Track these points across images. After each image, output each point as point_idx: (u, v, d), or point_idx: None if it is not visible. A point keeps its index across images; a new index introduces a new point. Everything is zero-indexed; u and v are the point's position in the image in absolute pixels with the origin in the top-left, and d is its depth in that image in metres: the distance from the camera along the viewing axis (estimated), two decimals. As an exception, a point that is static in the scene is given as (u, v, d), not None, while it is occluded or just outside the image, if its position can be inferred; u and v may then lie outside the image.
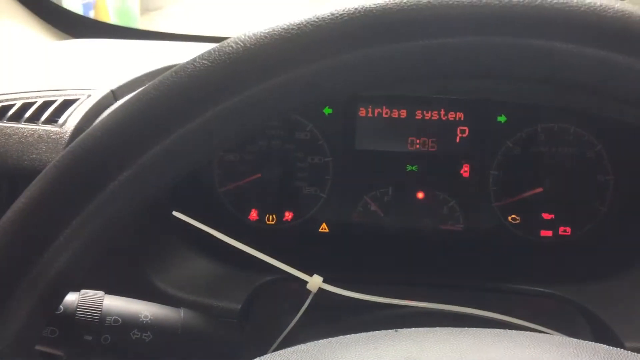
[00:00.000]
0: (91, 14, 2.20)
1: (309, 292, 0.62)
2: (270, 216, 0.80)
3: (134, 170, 0.33)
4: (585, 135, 0.76)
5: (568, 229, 0.78)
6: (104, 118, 0.34)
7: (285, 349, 0.38)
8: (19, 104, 0.71)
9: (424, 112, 0.77)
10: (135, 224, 0.66)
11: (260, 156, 0.79)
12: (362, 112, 0.77)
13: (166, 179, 0.34)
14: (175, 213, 0.58)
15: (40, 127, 0.68)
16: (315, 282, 0.61)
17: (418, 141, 0.77)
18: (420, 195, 0.79)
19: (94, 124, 0.34)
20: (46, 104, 0.71)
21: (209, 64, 0.34)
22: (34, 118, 0.69)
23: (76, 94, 0.73)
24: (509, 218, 0.78)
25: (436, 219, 0.79)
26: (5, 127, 0.68)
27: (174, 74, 0.34)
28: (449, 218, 0.79)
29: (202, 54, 0.34)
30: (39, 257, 0.32)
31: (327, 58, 0.34)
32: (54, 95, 0.73)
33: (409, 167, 0.78)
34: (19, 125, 0.68)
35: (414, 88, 0.75)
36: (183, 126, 0.33)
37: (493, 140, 0.77)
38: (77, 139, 0.33)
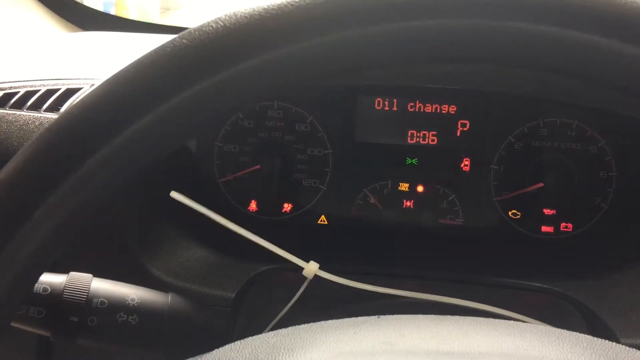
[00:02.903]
0: (112, 12, 2.22)
1: (304, 280, 0.62)
2: (270, 207, 0.80)
3: (109, 150, 0.33)
4: (588, 131, 0.75)
5: (569, 225, 0.77)
6: (82, 98, 0.34)
7: (267, 333, 0.38)
8: (22, 91, 0.72)
9: (425, 105, 0.76)
10: (129, 209, 0.67)
11: (260, 147, 0.79)
12: (363, 105, 0.77)
13: (140, 161, 0.34)
14: (173, 194, 0.58)
15: (42, 115, 0.69)
16: (311, 268, 0.61)
17: (418, 134, 0.77)
18: (419, 188, 0.78)
19: (73, 102, 0.34)
20: (49, 93, 0.72)
21: (188, 43, 0.33)
22: (37, 106, 0.70)
23: (80, 84, 0.74)
24: (510, 213, 0.77)
25: (435, 213, 0.78)
26: (7, 114, 0.69)
27: (153, 53, 0.34)
28: (448, 212, 0.78)
29: (183, 34, 0.34)
30: (14, 233, 0.32)
31: (307, 39, 0.34)
32: (57, 84, 0.74)
33: (409, 161, 0.78)
34: (22, 113, 0.69)
35: (414, 79, 0.75)
36: (159, 106, 0.33)
37: (494, 134, 0.76)
38: (56, 117, 0.34)
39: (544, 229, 0.77)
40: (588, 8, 0.32)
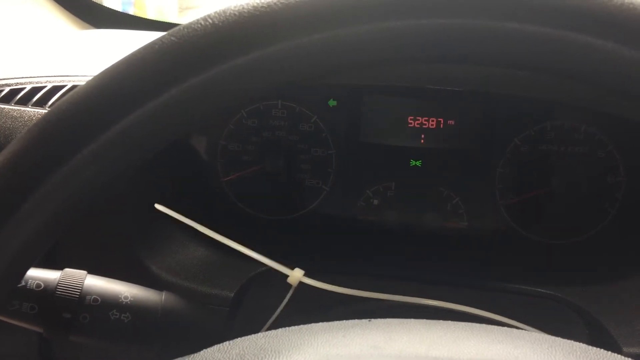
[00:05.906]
0: (131, 11, 2.24)
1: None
2: (273, 207, 0.80)
3: (97, 145, 0.32)
4: (596, 134, 0.73)
5: (576, 231, 0.75)
6: (71, 93, 0.34)
7: (256, 334, 0.38)
8: (28, 87, 0.73)
9: (430, 106, 0.75)
10: (130, 206, 0.67)
11: (263, 147, 0.78)
12: (367, 105, 0.76)
13: (130, 157, 0.33)
14: (157, 206, 0.58)
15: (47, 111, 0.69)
16: (295, 276, 0.61)
17: (423, 136, 0.76)
18: (423, 191, 0.77)
19: (65, 96, 0.34)
20: (55, 89, 0.72)
21: (176, 40, 0.33)
22: (42, 102, 0.70)
23: (86, 81, 0.74)
24: (515, 217, 0.76)
25: (439, 216, 0.77)
26: (12, 109, 0.69)
27: (142, 50, 0.34)
28: (452, 215, 0.77)
29: (172, 31, 0.34)
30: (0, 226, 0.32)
31: (296, 37, 0.33)
32: (63, 81, 0.74)
33: (413, 162, 0.77)
34: (26, 109, 0.70)
35: (420, 80, 0.74)
36: (147, 103, 0.33)
37: (501, 137, 0.75)
38: (46, 113, 0.34)
39: (550, 233, 0.76)
40: (583, 9, 0.31)
